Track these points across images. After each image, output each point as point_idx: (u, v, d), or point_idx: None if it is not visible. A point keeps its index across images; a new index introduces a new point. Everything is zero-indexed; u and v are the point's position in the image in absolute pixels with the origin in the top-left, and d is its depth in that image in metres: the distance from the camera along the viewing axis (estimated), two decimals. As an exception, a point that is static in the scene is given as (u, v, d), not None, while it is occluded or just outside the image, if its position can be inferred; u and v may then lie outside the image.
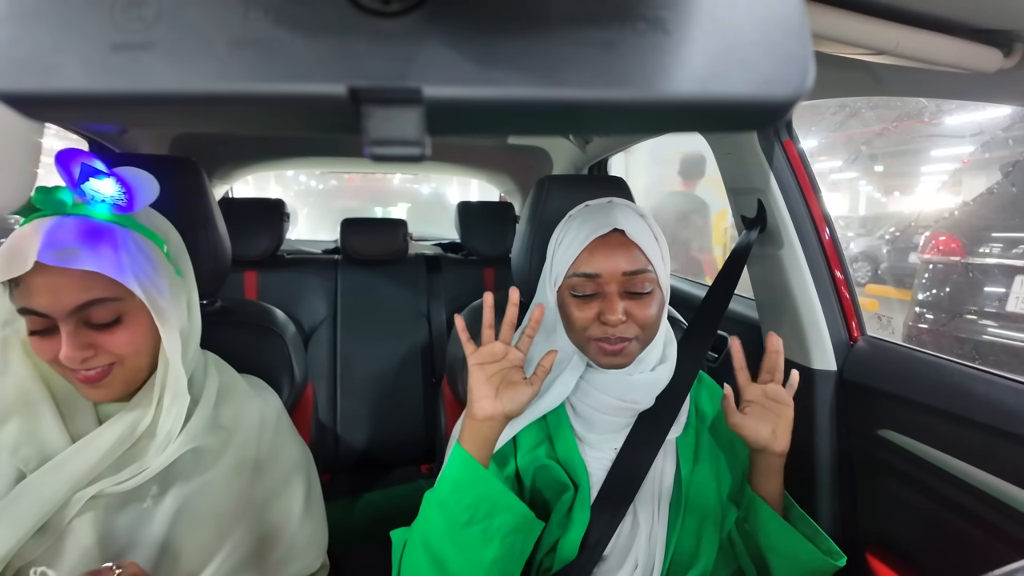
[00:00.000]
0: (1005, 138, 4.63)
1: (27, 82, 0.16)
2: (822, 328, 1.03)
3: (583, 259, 0.68)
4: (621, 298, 0.66)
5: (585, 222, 0.70)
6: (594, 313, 0.67)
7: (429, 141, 0.18)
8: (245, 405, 0.71)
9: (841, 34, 0.60)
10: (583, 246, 0.68)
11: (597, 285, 0.67)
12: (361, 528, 1.44)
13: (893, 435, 0.91)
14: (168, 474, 0.63)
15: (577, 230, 0.70)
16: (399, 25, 0.17)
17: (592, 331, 0.67)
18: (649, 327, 0.68)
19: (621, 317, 0.65)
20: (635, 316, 0.66)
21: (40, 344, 0.57)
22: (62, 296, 0.56)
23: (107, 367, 0.59)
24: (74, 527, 0.60)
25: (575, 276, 0.68)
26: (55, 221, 0.55)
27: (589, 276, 0.67)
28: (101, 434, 0.61)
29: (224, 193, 2.29)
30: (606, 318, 0.65)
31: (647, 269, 0.67)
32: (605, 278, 0.67)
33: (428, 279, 1.76)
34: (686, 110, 0.18)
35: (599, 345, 0.67)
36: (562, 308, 0.71)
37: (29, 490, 0.58)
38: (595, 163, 1.90)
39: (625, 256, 0.67)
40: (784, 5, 0.17)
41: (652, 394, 0.72)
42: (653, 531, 0.72)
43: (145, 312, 0.61)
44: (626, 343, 0.66)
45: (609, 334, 0.66)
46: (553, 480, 0.72)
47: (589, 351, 0.69)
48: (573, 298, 0.69)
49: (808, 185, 1.05)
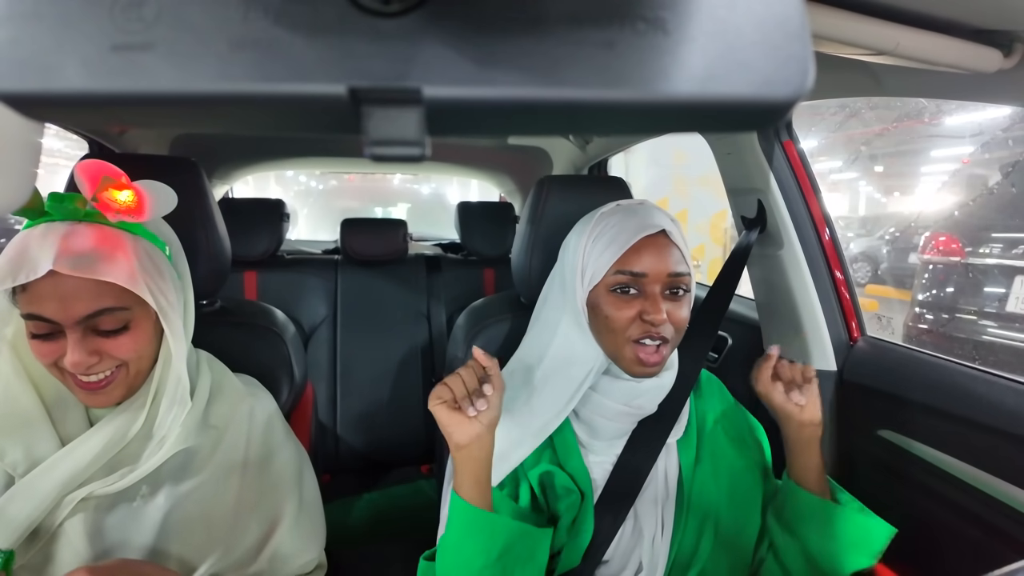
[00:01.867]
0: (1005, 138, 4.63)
1: (27, 82, 0.16)
2: (822, 328, 1.02)
3: (629, 257, 0.66)
4: (663, 299, 0.66)
5: (628, 219, 0.68)
6: (635, 312, 0.66)
7: (429, 141, 0.18)
8: (236, 404, 0.70)
9: (841, 35, 0.60)
10: (629, 243, 0.66)
11: (641, 284, 0.66)
12: (361, 528, 1.44)
13: (893, 435, 0.91)
14: (158, 475, 0.63)
15: (620, 227, 0.68)
16: (399, 25, 0.17)
17: (632, 331, 0.66)
18: (682, 329, 0.68)
19: (664, 317, 0.64)
20: (673, 317, 0.66)
21: (42, 348, 0.57)
22: (73, 304, 0.55)
23: (112, 373, 0.59)
24: (65, 529, 0.60)
25: (619, 273, 0.66)
26: (68, 227, 0.55)
27: (635, 275, 0.66)
28: (92, 436, 0.61)
29: (224, 193, 2.29)
30: (651, 317, 0.64)
31: (688, 272, 0.68)
32: (651, 278, 0.66)
33: (428, 279, 1.76)
34: (686, 110, 0.18)
35: (637, 351, 0.66)
36: (596, 309, 0.68)
37: (19, 494, 0.58)
38: (595, 163, 1.90)
39: (671, 257, 0.66)
40: (784, 6, 0.17)
41: (657, 400, 0.72)
42: (656, 534, 0.72)
43: (149, 318, 0.61)
44: (664, 347, 0.66)
45: (651, 332, 0.65)
46: (559, 486, 0.71)
47: (624, 355, 0.67)
48: (612, 297, 0.67)
49: (808, 185, 1.05)
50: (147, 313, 0.61)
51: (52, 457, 0.59)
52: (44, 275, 0.52)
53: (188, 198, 0.79)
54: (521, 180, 2.31)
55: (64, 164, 0.97)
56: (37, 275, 0.52)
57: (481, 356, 0.62)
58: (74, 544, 0.59)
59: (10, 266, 0.53)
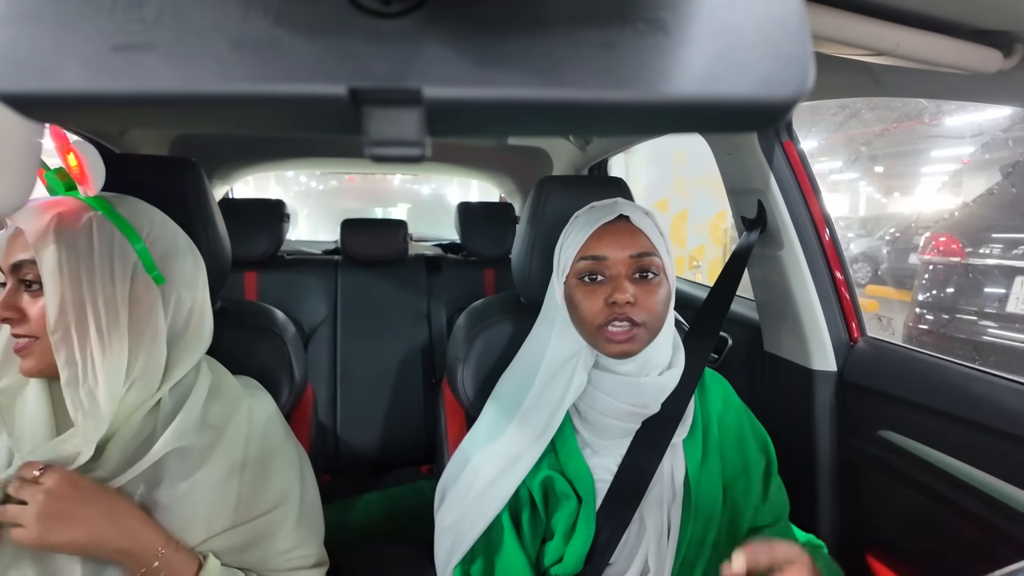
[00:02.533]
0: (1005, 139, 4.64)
1: (27, 83, 0.16)
2: (822, 329, 1.02)
3: (590, 243, 0.69)
4: (630, 281, 0.67)
5: (593, 213, 0.72)
6: (602, 299, 0.67)
7: (429, 142, 0.18)
8: (235, 404, 0.70)
9: (841, 35, 0.60)
10: (590, 231, 0.69)
11: (605, 268, 0.68)
12: (361, 529, 1.44)
13: (893, 436, 0.91)
14: (156, 473, 0.63)
15: (584, 222, 0.71)
16: (399, 26, 0.17)
17: (600, 318, 0.67)
18: (656, 316, 0.68)
19: (629, 297, 0.65)
20: (643, 302, 0.67)
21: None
22: (8, 253, 0.60)
23: (28, 340, 0.61)
24: None
25: (582, 260, 0.69)
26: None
27: (596, 258, 0.68)
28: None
29: (224, 194, 2.29)
30: (615, 298, 0.65)
31: (653, 252, 0.68)
32: (612, 260, 0.68)
33: (428, 280, 1.76)
34: (686, 111, 0.18)
35: (608, 332, 0.67)
36: (570, 300, 0.71)
37: None
38: (595, 164, 1.91)
39: (631, 239, 0.68)
40: (784, 6, 0.17)
41: (660, 399, 0.72)
42: (662, 535, 0.72)
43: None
44: (634, 329, 0.66)
45: (618, 313, 0.66)
46: (558, 491, 0.71)
47: (599, 341, 0.68)
48: (581, 285, 0.69)
49: (808, 186, 1.05)
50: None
51: None
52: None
53: (188, 198, 0.79)
54: (521, 180, 2.31)
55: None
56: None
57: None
58: None
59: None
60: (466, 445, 0.78)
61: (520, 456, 0.71)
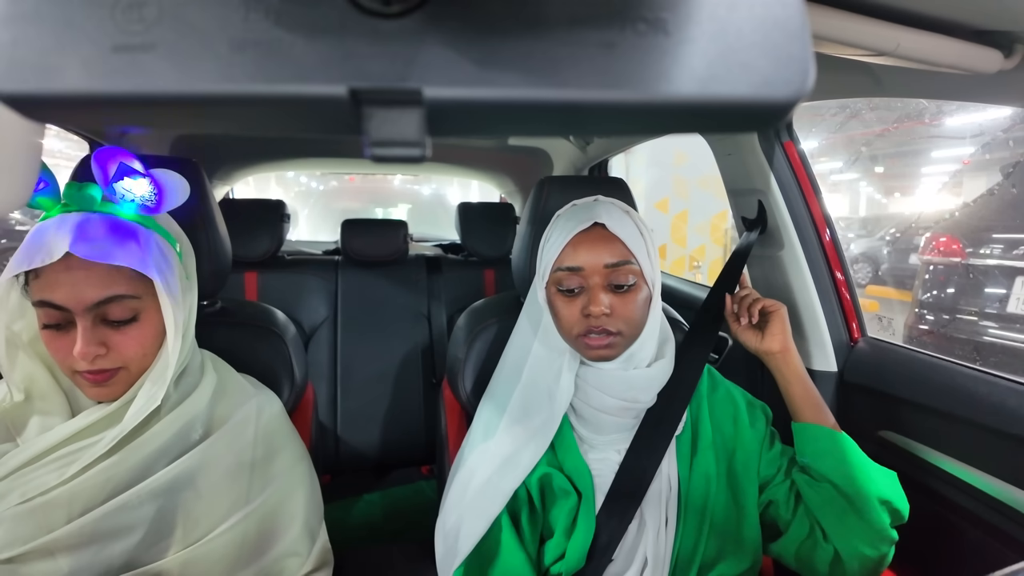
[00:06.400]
0: (1005, 139, 4.64)
1: (28, 83, 0.16)
2: (823, 329, 1.02)
3: (566, 254, 0.70)
4: (605, 292, 0.68)
5: (568, 219, 0.72)
6: (579, 309, 0.69)
7: (429, 142, 0.18)
8: (241, 404, 0.71)
9: (841, 35, 0.60)
10: (566, 241, 0.70)
11: (581, 279, 0.69)
12: (361, 529, 1.44)
13: (894, 436, 0.91)
14: (169, 474, 0.63)
15: (561, 227, 0.72)
16: (400, 26, 0.17)
17: (578, 328, 0.69)
18: (634, 323, 0.69)
19: (604, 309, 0.66)
20: (619, 311, 0.68)
21: (54, 341, 0.58)
22: (84, 290, 0.56)
23: (114, 370, 0.60)
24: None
25: (559, 271, 0.70)
26: (83, 217, 0.56)
27: (572, 270, 0.69)
28: (67, 426, 0.61)
29: (225, 194, 2.29)
30: (589, 310, 0.67)
31: (629, 261, 0.68)
32: (587, 271, 0.68)
33: (428, 280, 1.76)
34: (687, 111, 0.18)
35: (586, 340, 0.68)
36: (551, 306, 0.73)
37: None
38: (595, 164, 1.91)
39: (606, 249, 0.68)
40: (784, 7, 0.17)
41: (653, 391, 0.73)
42: (660, 528, 0.72)
43: (155, 314, 0.61)
44: (611, 337, 0.68)
45: (593, 326, 0.67)
46: (557, 488, 0.72)
47: (579, 347, 0.71)
48: (559, 295, 0.71)
49: (808, 186, 1.05)
50: (155, 307, 0.61)
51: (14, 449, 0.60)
52: (58, 262, 0.53)
53: (189, 199, 0.79)
54: (521, 181, 2.31)
55: (65, 164, 0.97)
56: (52, 259, 0.53)
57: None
58: None
59: (26, 252, 0.54)
60: (465, 445, 0.78)
61: (515, 455, 0.71)
